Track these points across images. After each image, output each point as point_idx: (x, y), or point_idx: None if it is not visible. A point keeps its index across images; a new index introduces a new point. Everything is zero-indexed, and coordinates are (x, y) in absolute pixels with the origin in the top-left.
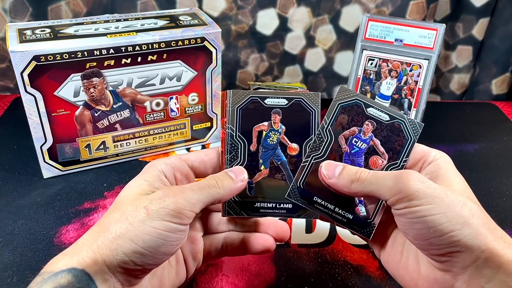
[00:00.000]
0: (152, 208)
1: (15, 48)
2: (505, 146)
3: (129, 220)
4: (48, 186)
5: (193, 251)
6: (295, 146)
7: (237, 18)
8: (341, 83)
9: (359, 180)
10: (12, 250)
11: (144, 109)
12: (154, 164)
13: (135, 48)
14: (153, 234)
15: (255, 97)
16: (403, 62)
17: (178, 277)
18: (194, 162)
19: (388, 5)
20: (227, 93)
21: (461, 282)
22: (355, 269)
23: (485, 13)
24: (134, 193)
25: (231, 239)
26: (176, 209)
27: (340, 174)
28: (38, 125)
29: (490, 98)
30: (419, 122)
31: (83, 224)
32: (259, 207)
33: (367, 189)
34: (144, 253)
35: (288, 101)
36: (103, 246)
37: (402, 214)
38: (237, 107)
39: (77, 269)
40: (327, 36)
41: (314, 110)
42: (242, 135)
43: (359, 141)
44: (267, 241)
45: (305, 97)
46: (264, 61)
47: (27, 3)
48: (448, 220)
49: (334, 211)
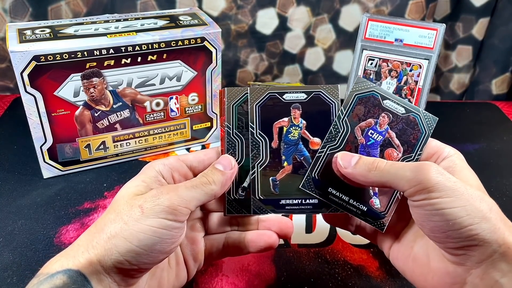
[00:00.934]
0: (147, 206)
1: (15, 48)
2: (505, 146)
3: (123, 220)
4: (48, 186)
5: (194, 252)
6: (317, 140)
7: (236, 18)
8: (341, 82)
9: (376, 169)
10: (12, 250)
11: (144, 109)
12: (152, 165)
13: (135, 48)
14: (148, 232)
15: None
16: (403, 62)
17: (178, 279)
18: (193, 162)
19: (387, 4)
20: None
21: (474, 276)
22: (355, 269)
23: (485, 13)
24: (130, 193)
25: (233, 239)
26: (171, 205)
27: (357, 163)
28: (38, 125)
29: (490, 98)
30: (433, 116)
31: (83, 224)
32: (284, 204)
33: (385, 179)
34: (139, 252)
35: (307, 95)
36: (98, 246)
37: (420, 205)
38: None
39: (72, 270)
40: (327, 36)
41: (334, 102)
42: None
43: (375, 133)
44: (270, 237)
45: (324, 90)
46: (263, 60)
47: (27, 3)
48: (468, 214)
49: (349, 202)
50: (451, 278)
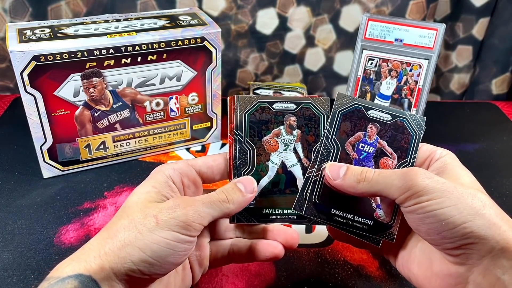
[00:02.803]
0: (162, 218)
1: (15, 48)
2: (505, 146)
3: (138, 228)
4: (48, 186)
5: (199, 257)
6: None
7: (237, 18)
8: (341, 82)
9: (365, 180)
10: (12, 250)
11: (144, 109)
12: (162, 170)
13: (135, 48)
14: (161, 244)
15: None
16: (403, 62)
17: (184, 284)
18: (202, 167)
19: (388, 4)
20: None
21: (476, 274)
22: (355, 269)
23: (485, 13)
24: (143, 200)
25: (238, 246)
26: (186, 221)
27: (345, 175)
28: (38, 125)
29: (490, 98)
30: (421, 116)
31: (83, 224)
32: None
33: (374, 189)
34: (152, 262)
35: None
36: (111, 253)
37: (412, 210)
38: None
39: (84, 275)
40: (327, 36)
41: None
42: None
43: (366, 145)
44: (276, 248)
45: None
46: (264, 60)
47: (27, 3)
48: (459, 212)
49: (354, 220)
50: (453, 278)
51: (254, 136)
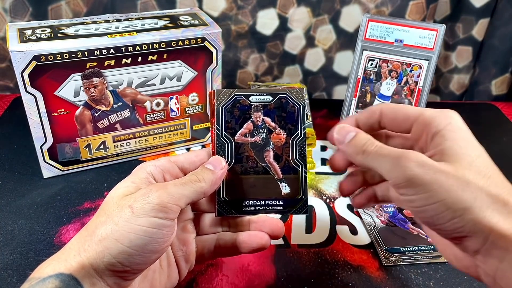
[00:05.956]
0: (137, 206)
1: (15, 48)
2: (505, 147)
3: (114, 221)
4: (48, 186)
5: (185, 253)
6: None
7: (237, 18)
8: (341, 83)
9: (364, 153)
10: (12, 250)
11: (144, 109)
12: (143, 167)
13: (135, 48)
14: (138, 232)
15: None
16: (403, 63)
17: (170, 280)
18: (184, 163)
19: (388, 5)
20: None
21: (480, 261)
22: (355, 269)
23: (485, 14)
24: (119, 194)
25: (224, 240)
26: (160, 203)
27: (350, 142)
28: (38, 125)
29: (489, 98)
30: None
31: (83, 224)
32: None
33: (370, 165)
34: (131, 252)
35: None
36: (90, 249)
37: (403, 201)
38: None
39: (64, 274)
40: (327, 36)
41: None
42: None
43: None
44: (262, 239)
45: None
46: (264, 61)
47: (27, 3)
48: (448, 208)
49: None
50: (466, 261)
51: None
